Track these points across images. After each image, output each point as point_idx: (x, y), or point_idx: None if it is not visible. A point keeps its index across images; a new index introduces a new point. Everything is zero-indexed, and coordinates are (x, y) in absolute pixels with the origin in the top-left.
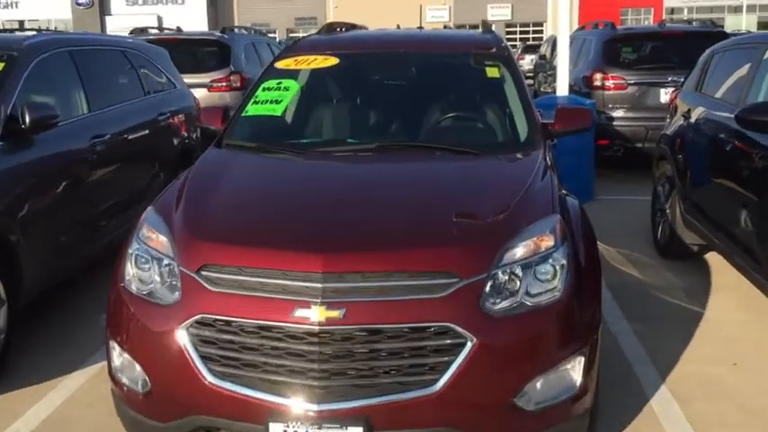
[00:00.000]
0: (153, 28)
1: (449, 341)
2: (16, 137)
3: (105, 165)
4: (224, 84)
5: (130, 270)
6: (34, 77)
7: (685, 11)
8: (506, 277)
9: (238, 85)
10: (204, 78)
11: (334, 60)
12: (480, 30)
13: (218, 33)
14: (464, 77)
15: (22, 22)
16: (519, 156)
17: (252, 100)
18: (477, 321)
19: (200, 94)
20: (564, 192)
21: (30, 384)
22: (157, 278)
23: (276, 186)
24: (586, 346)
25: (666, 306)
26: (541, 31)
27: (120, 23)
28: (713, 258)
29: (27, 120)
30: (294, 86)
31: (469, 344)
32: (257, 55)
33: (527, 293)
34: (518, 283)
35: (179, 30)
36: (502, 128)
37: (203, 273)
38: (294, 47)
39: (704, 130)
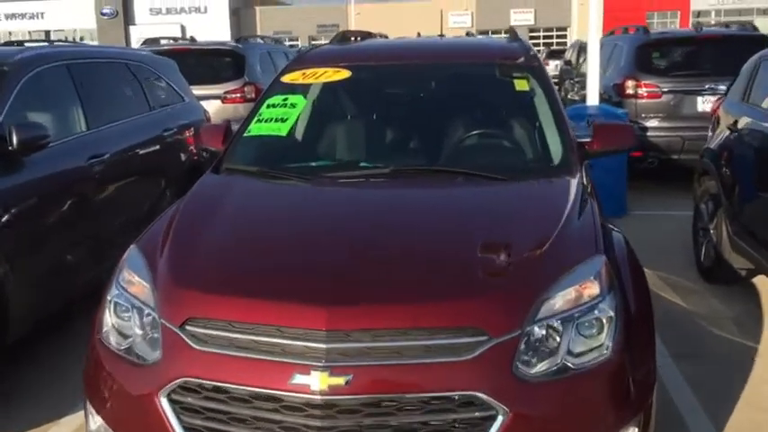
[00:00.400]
0: (165, 38)
1: (477, 414)
2: (3, 159)
3: (104, 186)
4: (238, 95)
5: (108, 319)
6: (26, 94)
7: (713, 14)
8: (544, 333)
9: (253, 96)
10: (218, 90)
11: (345, 73)
12: (506, 37)
13: (232, 43)
14: (489, 91)
15: (48, 33)
16: (553, 181)
17: (255, 118)
18: (510, 389)
19: (213, 105)
20: (607, 223)
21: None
22: (138, 330)
23: (276, 222)
24: (641, 413)
25: (716, 340)
26: (565, 36)
27: (143, 33)
28: (761, 282)
29: (14, 141)
30: (301, 103)
31: (501, 417)
32: (273, 65)
33: (569, 353)
34: (558, 340)
35: (192, 40)
36: (532, 148)
37: (188, 328)
38: (302, 58)
39: (754, 143)
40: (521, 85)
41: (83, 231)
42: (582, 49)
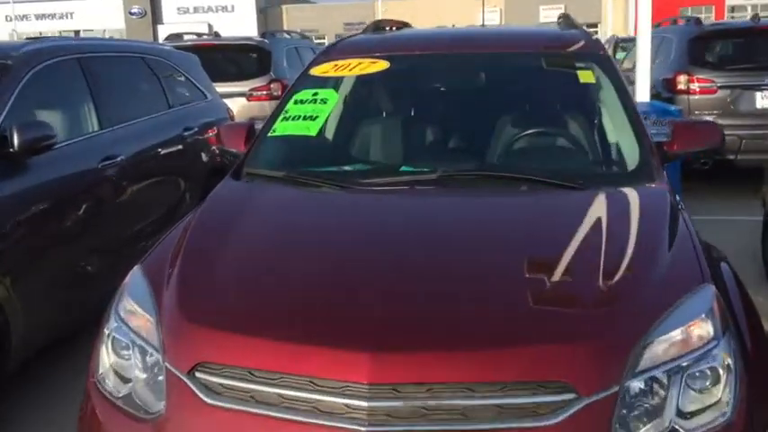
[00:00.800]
0: (189, 33)
1: None
2: (4, 162)
3: (118, 191)
4: (264, 92)
5: (106, 358)
6: (31, 90)
7: (748, 8)
8: (646, 389)
9: (279, 93)
10: (243, 87)
11: (383, 64)
12: (560, 24)
13: (257, 38)
14: (549, 84)
15: (77, 32)
16: (637, 191)
17: (281, 116)
18: None
19: (237, 103)
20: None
21: None
22: (140, 374)
23: (307, 243)
24: None
25: None
26: (596, 32)
27: (171, 32)
28: None
29: (15, 142)
30: (333, 98)
31: None
32: (300, 61)
33: (679, 413)
34: (664, 397)
35: (216, 35)
36: (603, 150)
37: (198, 375)
38: (333, 48)
39: None
40: (585, 76)
41: (95, 242)
42: (618, 44)
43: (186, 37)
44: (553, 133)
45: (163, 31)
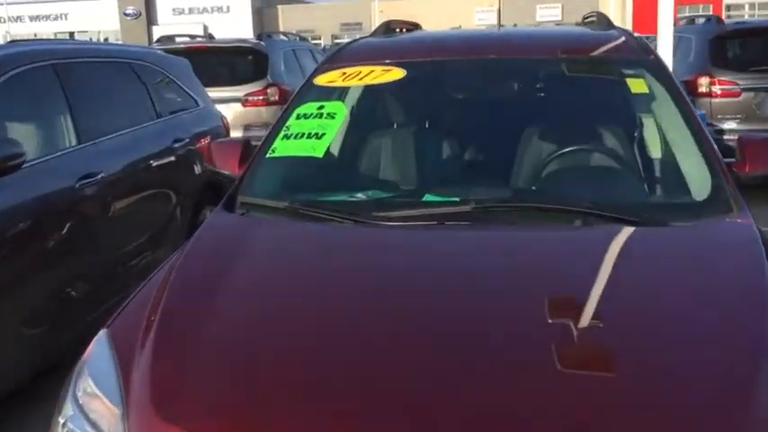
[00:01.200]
0: (181, 35)
1: None
2: None
3: (99, 214)
4: (260, 97)
5: None
6: None
7: (746, 7)
8: None
9: (276, 98)
10: (238, 92)
11: (398, 73)
12: (590, 24)
13: (253, 40)
14: (594, 95)
15: (72, 34)
16: (714, 226)
17: (281, 133)
18: None
19: (232, 109)
20: None
21: None
22: None
23: (317, 305)
24: None
25: None
26: None
27: (167, 33)
28: None
29: None
30: (342, 111)
31: None
32: (299, 64)
33: None
34: None
35: (210, 37)
36: (666, 175)
37: None
38: (340, 54)
39: None
40: (636, 85)
41: (72, 270)
42: None
43: (178, 39)
44: (603, 154)
45: (158, 33)
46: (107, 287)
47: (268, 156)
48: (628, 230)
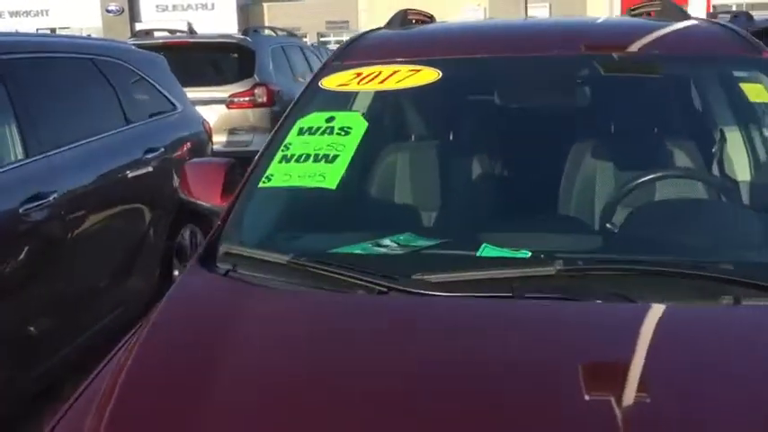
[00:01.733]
0: (160, 30)
1: None
2: None
3: (52, 241)
4: (246, 98)
5: None
6: None
7: (734, 7)
8: None
9: (264, 100)
10: (222, 92)
11: (431, 74)
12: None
13: (238, 35)
14: (702, 105)
15: (53, 30)
16: None
17: (279, 153)
18: None
19: (216, 112)
20: None
21: None
22: None
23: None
24: None
25: None
26: None
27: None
28: None
29: None
30: (360, 125)
31: None
32: (288, 62)
33: None
34: None
35: (191, 31)
36: None
37: None
38: (352, 49)
39: None
40: (755, 92)
41: (23, 310)
42: None
43: (157, 34)
44: (729, 186)
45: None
46: (72, 324)
47: (261, 185)
48: None
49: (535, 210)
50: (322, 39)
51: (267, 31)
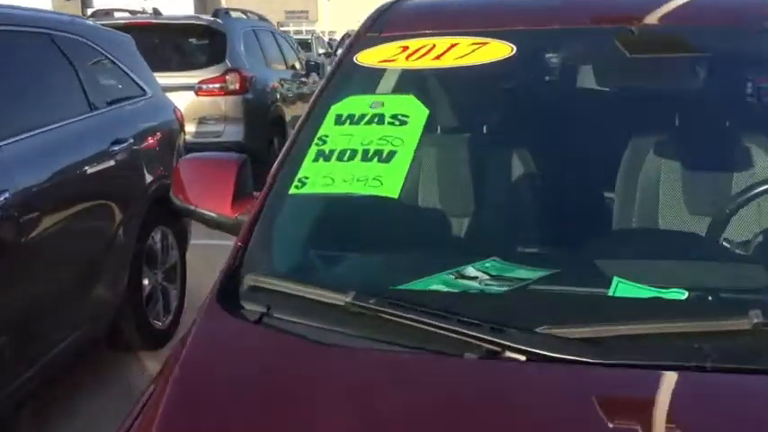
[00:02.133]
0: (121, 10)
1: None
2: None
3: (3, 248)
4: (218, 85)
5: None
6: None
7: None
8: None
9: (237, 87)
10: (190, 78)
11: (502, 48)
12: None
13: (208, 17)
14: None
15: None
16: None
17: (313, 149)
18: None
19: (184, 99)
20: None
21: None
22: None
23: None
24: None
25: None
26: None
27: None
28: None
29: None
30: (420, 112)
31: None
32: (260, 47)
33: None
34: None
35: (156, 12)
36: None
37: None
38: (392, 15)
39: None
40: None
41: None
42: None
43: (117, 14)
44: None
45: None
46: (31, 341)
47: (293, 191)
48: None
49: (647, 226)
50: (281, 28)
51: (237, 14)
